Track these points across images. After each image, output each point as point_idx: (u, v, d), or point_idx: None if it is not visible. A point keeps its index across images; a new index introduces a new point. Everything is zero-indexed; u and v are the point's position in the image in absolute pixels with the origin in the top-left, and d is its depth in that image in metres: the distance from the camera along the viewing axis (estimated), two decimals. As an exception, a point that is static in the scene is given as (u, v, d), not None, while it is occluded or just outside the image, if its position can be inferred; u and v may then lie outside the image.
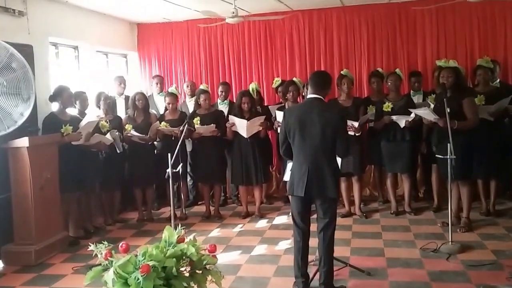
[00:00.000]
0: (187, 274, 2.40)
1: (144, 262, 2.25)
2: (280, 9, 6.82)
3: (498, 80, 5.99)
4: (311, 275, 3.81)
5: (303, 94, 6.23)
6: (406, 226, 5.33)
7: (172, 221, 4.96)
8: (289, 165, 4.00)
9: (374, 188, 6.64)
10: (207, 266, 2.46)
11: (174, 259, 2.31)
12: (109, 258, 2.34)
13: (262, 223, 5.79)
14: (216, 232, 5.55)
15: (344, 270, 4.06)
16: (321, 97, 3.65)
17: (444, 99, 4.62)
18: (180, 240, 2.46)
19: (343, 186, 5.86)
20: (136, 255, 2.35)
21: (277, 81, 6.75)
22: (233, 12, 5.55)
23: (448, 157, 4.42)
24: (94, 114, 5.65)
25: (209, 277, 2.48)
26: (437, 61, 5.45)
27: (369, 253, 4.55)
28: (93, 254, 2.46)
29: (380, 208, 6.13)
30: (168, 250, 2.36)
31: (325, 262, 3.64)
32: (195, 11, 6.59)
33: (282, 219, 5.89)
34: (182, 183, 6.17)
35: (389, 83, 5.74)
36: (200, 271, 2.45)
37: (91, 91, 6.07)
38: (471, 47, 6.51)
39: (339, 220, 5.55)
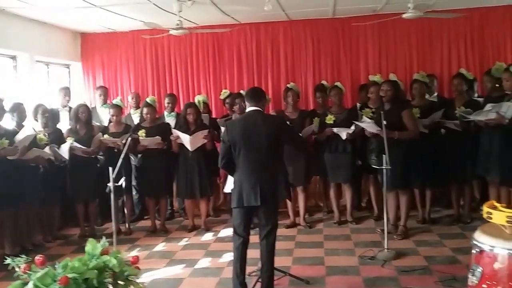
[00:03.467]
0: (110, 286, 2.52)
1: (63, 274, 2.36)
2: (228, 21, 7.09)
3: (436, 94, 6.52)
4: (251, 285, 4.04)
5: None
6: (347, 235, 5.68)
7: (114, 236, 5.06)
8: (230, 177, 4.26)
9: (319, 199, 7.00)
10: (129, 277, 2.60)
11: (96, 271, 2.44)
12: (27, 271, 2.41)
13: (208, 236, 5.97)
14: (161, 246, 5.67)
15: (284, 280, 4.32)
16: (261, 109, 3.96)
17: (381, 112, 5.04)
18: (104, 252, 2.59)
19: (288, 197, 6.18)
20: (55, 268, 2.45)
21: (225, 92, 7.00)
22: (178, 24, 5.76)
23: (383, 167, 4.81)
24: (32, 127, 5.64)
25: None
26: (370, 76, 5.86)
27: (310, 262, 4.84)
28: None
29: (324, 218, 6.48)
30: (91, 262, 2.49)
31: (267, 268, 3.91)
32: (140, 22, 6.76)
33: (228, 232, 6.08)
34: (126, 197, 6.28)
35: (332, 97, 6.14)
36: (123, 282, 2.59)
37: (30, 103, 6.07)
38: (410, 61, 7.04)
39: (284, 231, 5.92)
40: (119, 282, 2.53)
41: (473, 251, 2.83)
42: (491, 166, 5.24)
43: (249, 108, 4.00)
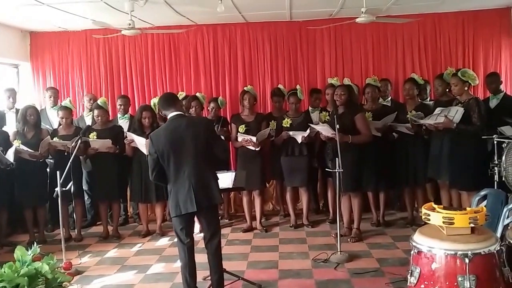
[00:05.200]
0: None
1: None
2: (184, 22, 7.08)
3: (389, 98, 6.73)
4: (205, 289, 4.08)
5: (208, 108, 6.61)
6: (303, 238, 5.79)
7: (63, 242, 5.02)
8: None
9: (277, 203, 7.10)
10: (63, 284, 2.60)
11: (26, 278, 2.42)
12: None
13: (163, 241, 5.96)
14: (113, 252, 5.64)
15: (237, 284, 4.37)
16: (182, 112, 4.00)
17: (335, 116, 5.18)
18: (36, 259, 2.58)
19: (244, 200, 6.26)
20: None
21: (181, 94, 6.97)
22: (130, 24, 5.73)
23: (336, 170, 4.95)
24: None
25: None
26: (329, 79, 6.01)
27: (264, 266, 4.92)
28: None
29: (281, 222, 6.59)
30: (22, 269, 2.47)
31: (216, 271, 3.96)
32: (92, 21, 6.68)
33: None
34: (75, 202, 6.18)
35: (290, 103, 6.25)
36: None
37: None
38: (366, 65, 7.23)
39: (240, 235, 6.01)
40: None
41: (412, 252, 2.96)
42: (441, 169, 5.47)
43: (170, 115, 3.95)
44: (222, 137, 5.95)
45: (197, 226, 4.55)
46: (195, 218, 4.10)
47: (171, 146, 3.80)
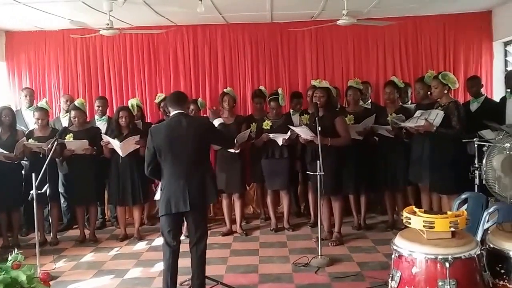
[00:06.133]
0: None
1: None
2: (163, 23, 6.99)
3: (370, 101, 6.73)
4: (184, 295, 4.02)
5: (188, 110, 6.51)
6: (283, 242, 5.74)
7: (37, 246, 4.89)
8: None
9: (257, 206, 7.04)
10: None
11: (2, 285, 2.36)
12: None
13: (141, 245, 5.87)
14: (89, 256, 5.53)
15: (216, 289, 4.31)
16: (185, 112, 4.00)
17: (316, 118, 5.14)
18: (15, 266, 2.52)
19: (224, 204, 6.20)
20: None
21: (159, 96, 6.91)
22: (108, 24, 5.64)
23: (317, 173, 4.91)
24: None
25: None
26: (313, 81, 6.01)
27: (243, 270, 4.86)
28: None
29: (261, 225, 6.53)
30: None
31: (198, 276, 3.92)
32: (70, 20, 6.55)
33: (162, 240, 6.01)
34: (51, 205, 6.06)
35: (270, 107, 6.21)
36: None
37: None
38: (347, 68, 7.23)
39: (219, 239, 5.93)
40: None
41: (393, 256, 2.94)
42: (422, 172, 5.45)
43: (173, 112, 3.98)
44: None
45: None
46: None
47: (170, 142, 3.81)
